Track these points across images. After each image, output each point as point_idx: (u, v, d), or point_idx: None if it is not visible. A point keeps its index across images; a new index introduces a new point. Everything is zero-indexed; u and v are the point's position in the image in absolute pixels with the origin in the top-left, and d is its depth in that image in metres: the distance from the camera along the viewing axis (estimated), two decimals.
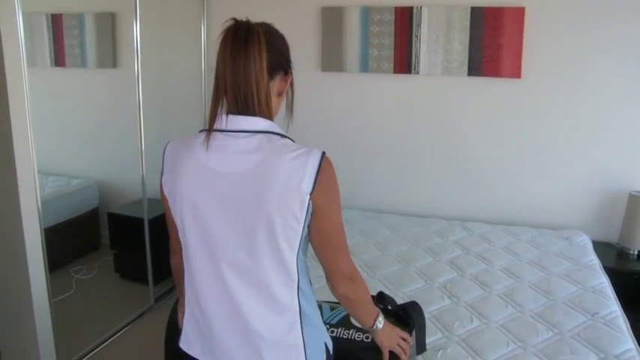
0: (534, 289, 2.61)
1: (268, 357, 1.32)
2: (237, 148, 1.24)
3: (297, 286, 1.31)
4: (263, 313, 1.30)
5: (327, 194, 1.25)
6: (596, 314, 2.38)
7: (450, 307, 2.44)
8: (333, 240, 1.32)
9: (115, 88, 4.11)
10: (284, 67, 1.32)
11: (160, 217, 3.74)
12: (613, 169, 3.39)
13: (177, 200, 1.30)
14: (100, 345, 3.09)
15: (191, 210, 1.29)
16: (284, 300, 1.30)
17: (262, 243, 1.24)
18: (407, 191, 3.77)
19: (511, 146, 3.51)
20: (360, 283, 1.42)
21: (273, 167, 1.21)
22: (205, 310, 1.35)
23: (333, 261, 1.34)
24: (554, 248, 3.10)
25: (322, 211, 1.26)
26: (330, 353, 1.43)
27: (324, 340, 1.42)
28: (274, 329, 1.32)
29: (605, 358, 2.06)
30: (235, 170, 1.23)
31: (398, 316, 1.78)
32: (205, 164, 1.26)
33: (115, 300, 3.67)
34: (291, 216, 1.22)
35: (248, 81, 1.22)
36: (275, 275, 1.28)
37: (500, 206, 3.60)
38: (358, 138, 3.77)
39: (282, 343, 1.33)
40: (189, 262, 1.36)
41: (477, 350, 2.08)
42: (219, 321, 1.34)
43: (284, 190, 1.20)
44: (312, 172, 1.21)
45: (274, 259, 1.26)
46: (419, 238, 3.24)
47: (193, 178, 1.27)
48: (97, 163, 4.31)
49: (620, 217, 3.38)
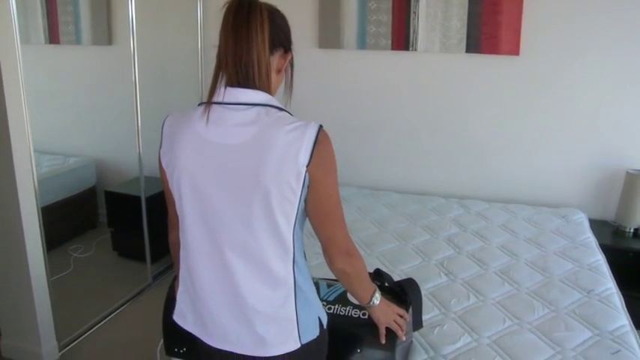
0: (531, 267, 2.62)
1: (262, 330, 1.33)
2: (235, 121, 1.25)
3: (292, 259, 1.32)
4: (258, 286, 1.31)
5: (323, 167, 1.25)
6: (591, 291, 2.39)
7: (447, 284, 2.45)
8: (330, 213, 1.33)
9: (110, 66, 4.08)
10: (284, 44, 1.33)
11: (158, 195, 3.76)
12: (610, 148, 3.38)
13: (175, 172, 1.30)
14: (98, 323, 3.11)
15: (189, 182, 1.29)
16: (279, 273, 1.31)
17: (259, 215, 1.25)
18: (404, 169, 3.77)
19: (509, 124, 3.50)
20: (357, 258, 1.42)
21: (270, 139, 1.21)
22: (198, 285, 1.36)
23: (331, 235, 1.34)
24: (551, 226, 3.11)
25: (319, 184, 1.26)
26: (323, 328, 1.43)
27: (317, 315, 1.41)
28: (268, 303, 1.32)
29: (599, 334, 2.08)
30: (233, 142, 1.23)
31: (395, 293, 1.79)
32: (204, 136, 1.26)
33: (112, 278, 3.69)
34: (288, 188, 1.22)
35: (249, 52, 1.22)
36: (271, 248, 1.28)
37: (497, 184, 3.61)
38: (355, 115, 3.75)
39: (275, 317, 1.33)
40: (184, 235, 1.36)
41: (474, 327, 2.10)
42: (212, 294, 1.35)
43: (281, 163, 1.20)
44: (309, 144, 1.22)
45: (270, 232, 1.27)
46: (416, 216, 3.25)
47: (191, 150, 1.28)
48: (93, 142, 4.30)
49: (616, 196, 3.39)
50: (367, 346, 1.66)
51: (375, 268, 1.88)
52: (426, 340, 1.99)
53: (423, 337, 2.01)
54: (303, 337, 1.36)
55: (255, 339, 1.34)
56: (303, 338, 1.36)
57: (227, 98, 1.26)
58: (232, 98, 1.26)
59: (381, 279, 1.83)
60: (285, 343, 1.34)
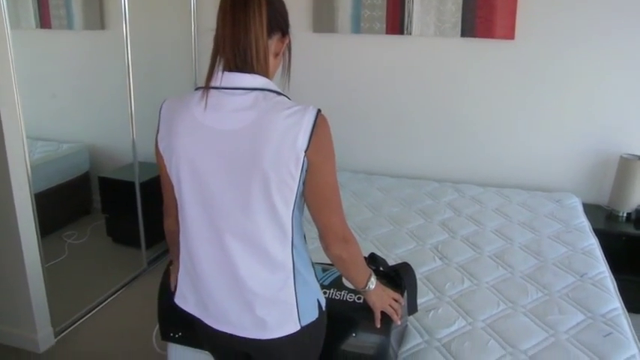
0: (525, 251, 2.63)
1: (262, 313, 1.34)
2: (234, 106, 1.24)
3: (290, 243, 1.32)
4: (257, 269, 1.32)
5: (322, 152, 1.25)
6: (584, 275, 2.41)
7: (442, 268, 2.46)
8: (328, 199, 1.33)
9: (102, 51, 4.05)
10: (282, 28, 1.32)
11: (152, 181, 3.77)
12: (605, 133, 3.39)
13: (174, 158, 1.30)
14: (93, 309, 3.11)
15: (187, 167, 1.28)
16: (277, 257, 1.32)
17: (257, 200, 1.25)
18: (399, 153, 3.77)
19: (503, 108, 3.50)
20: (353, 244, 1.42)
21: (268, 124, 1.21)
22: (199, 268, 1.36)
23: (327, 221, 1.34)
24: (545, 210, 3.12)
25: (317, 169, 1.26)
26: (322, 310, 1.45)
27: (317, 297, 1.43)
28: (268, 286, 1.33)
29: (592, 317, 2.09)
30: (231, 127, 1.23)
31: (389, 278, 1.80)
32: (202, 122, 1.26)
33: (107, 264, 3.69)
34: (287, 173, 1.22)
35: (247, 36, 1.22)
36: (269, 232, 1.29)
37: (492, 168, 3.61)
38: (350, 99, 3.74)
39: (275, 300, 1.34)
40: (184, 220, 1.36)
41: (468, 310, 2.11)
42: (212, 277, 1.36)
43: (279, 147, 1.20)
44: (308, 129, 1.21)
45: (269, 216, 1.27)
46: (411, 200, 3.25)
47: (190, 135, 1.27)
48: (86, 127, 4.29)
49: (610, 180, 3.40)
50: (362, 330, 1.67)
51: (370, 253, 1.89)
52: (420, 324, 2.00)
53: (417, 320, 2.02)
54: (302, 319, 1.37)
55: (255, 321, 1.35)
56: (303, 320, 1.37)
57: (225, 83, 1.25)
58: (230, 83, 1.25)
59: (375, 263, 1.84)
60: (285, 325, 1.36)
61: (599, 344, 1.92)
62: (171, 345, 2.01)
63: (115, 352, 2.77)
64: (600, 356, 1.86)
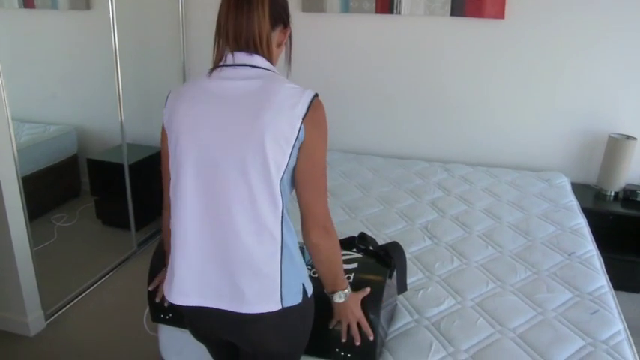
0: (514, 230, 2.65)
1: (242, 283, 1.34)
2: (239, 76, 1.33)
3: (281, 214, 1.33)
4: (246, 236, 1.32)
5: (317, 128, 1.31)
6: (572, 254, 2.43)
7: (431, 247, 2.48)
8: (315, 178, 1.35)
9: (88, 31, 4.00)
10: (283, 20, 1.40)
11: (141, 163, 3.75)
12: (593, 112, 3.40)
13: (174, 125, 1.35)
14: (84, 291, 3.11)
15: (188, 131, 1.33)
16: (268, 224, 1.32)
17: (253, 162, 1.28)
18: (388, 133, 3.76)
19: (493, 88, 3.50)
20: (333, 238, 1.42)
21: (270, 90, 1.29)
22: (185, 241, 1.37)
23: (311, 202, 1.36)
24: (534, 190, 3.14)
25: (310, 144, 1.31)
26: (307, 297, 1.44)
27: (302, 282, 1.42)
28: (254, 256, 1.33)
29: (579, 294, 2.12)
30: (236, 93, 1.31)
31: (379, 257, 1.81)
32: (208, 89, 1.34)
33: (97, 246, 3.68)
34: (282, 137, 1.27)
35: (250, 28, 1.31)
36: (262, 196, 1.30)
37: (481, 148, 3.62)
38: (339, 79, 3.72)
39: (258, 272, 1.33)
40: (177, 189, 1.37)
41: (458, 289, 2.13)
42: (197, 246, 1.36)
43: (278, 110, 1.27)
44: (306, 102, 1.30)
45: (263, 180, 1.29)
46: (400, 180, 3.26)
47: (195, 100, 1.35)
48: (74, 110, 4.24)
49: (598, 160, 3.42)
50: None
51: (360, 232, 1.90)
52: (410, 303, 2.02)
53: (407, 300, 2.03)
54: (285, 300, 1.36)
55: (234, 291, 1.35)
56: (285, 301, 1.36)
57: (236, 60, 1.34)
58: (237, 60, 1.34)
59: (365, 243, 1.85)
60: (266, 302, 1.35)
61: (586, 321, 1.94)
62: (161, 326, 2.01)
63: (105, 334, 2.77)
64: (587, 333, 1.88)
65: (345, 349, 1.66)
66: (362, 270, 1.74)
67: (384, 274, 1.74)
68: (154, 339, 2.09)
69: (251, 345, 1.45)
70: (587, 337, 1.86)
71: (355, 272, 1.72)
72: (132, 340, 2.70)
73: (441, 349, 1.79)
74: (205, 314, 1.41)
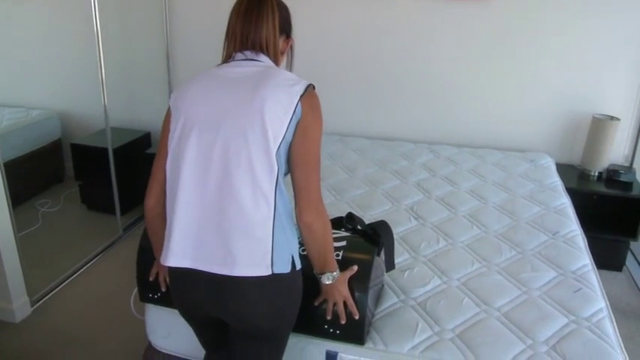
0: (499, 210, 2.67)
1: (234, 246, 1.37)
2: (245, 65, 1.47)
3: (276, 180, 1.39)
4: (243, 197, 1.36)
5: (313, 111, 1.43)
6: (556, 233, 2.45)
7: (417, 228, 2.49)
8: (309, 160, 1.43)
9: (69, 13, 3.93)
10: (287, 31, 1.59)
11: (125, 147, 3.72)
12: (577, 93, 3.41)
13: (180, 100, 1.46)
14: (69, 277, 3.09)
15: (194, 102, 1.43)
16: (264, 187, 1.37)
17: (253, 128, 1.36)
18: (374, 114, 3.76)
19: (478, 69, 3.50)
20: (325, 220, 1.47)
21: (272, 72, 1.44)
22: (182, 208, 1.41)
23: (304, 182, 1.42)
24: (519, 170, 3.16)
25: (306, 125, 1.41)
26: (296, 269, 1.47)
27: (292, 253, 1.46)
28: (249, 218, 1.37)
29: (563, 273, 2.14)
30: (240, 75, 1.44)
31: (367, 235, 1.83)
32: (214, 74, 1.48)
33: (82, 231, 3.65)
34: (280, 108, 1.37)
35: (258, 32, 1.47)
36: (259, 161, 1.37)
37: (466, 129, 3.63)
38: (323, 61, 3.70)
39: (252, 235, 1.37)
40: (178, 158, 1.42)
41: (443, 270, 2.14)
42: (196, 210, 1.40)
43: (278, 86, 1.39)
44: (304, 85, 1.43)
45: (261, 145, 1.36)
46: (386, 161, 3.26)
47: (202, 82, 1.46)
48: (56, 94, 4.19)
49: (582, 140, 3.44)
50: None
51: (348, 212, 1.92)
52: (396, 284, 2.03)
53: (393, 280, 2.05)
54: (275, 266, 1.39)
55: (226, 254, 1.38)
56: (276, 268, 1.39)
57: (246, 56, 1.49)
58: (247, 57, 1.49)
59: (353, 222, 1.87)
60: (257, 266, 1.38)
61: (570, 299, 1.97)
62: (148, 310, 2.01)
63: (92, 319, 2.77)
64: (570, 311, 1.91)
65: (333, 325, 1.69)
66: (350, 248, 1.75)
67: (372, 253, 1.75)
68: (141, 324, 2.09)
69: (237, 318, 1.47)
70: (570, 315, 1.89)
71: (344, 250, 1.73)
72: (119, 325, 2.69)
73: (427, 329, 1.80)
74: (196, 278, 1.43)
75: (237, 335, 1.54)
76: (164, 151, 1.49)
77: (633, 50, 3.25)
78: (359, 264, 1.68)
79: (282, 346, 1.59)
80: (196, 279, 1.43)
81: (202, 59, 3.75)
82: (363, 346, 1.73)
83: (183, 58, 3.92)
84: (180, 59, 3.93)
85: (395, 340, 1.75)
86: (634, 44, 3.24)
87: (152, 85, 4.00)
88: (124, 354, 2.51)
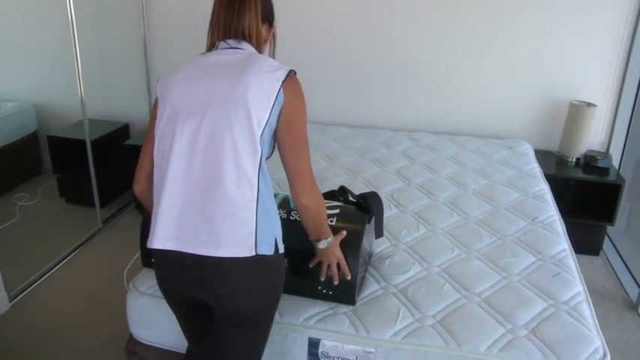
0: (478, 197, 2.69)
1: (219, 228, 1.39)
2: (229, 54, 1.50)
3: (259, 163, 1.42)
4: (227, 179, 1.39)
5: (295, 96, 1.46)
6: (535, 219, 2.48)
7: (397, 215, 2.50)
8: (297, 143, 1.48)
9: (43, 2, 3.87)
10: (270, 20, 1.62)
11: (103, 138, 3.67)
12: (555, 80, 3.44)
13: (166, 89, 1.48)
14: (49, 271, 3.06)
15: (180, 90, 1.46)
16: (247, 170, 1.40)
17: (236, 113, 1.38)
18: (354, 103, 3.76)
19: (457, 57, 3.51)
20: (320, 196, 1.56)
21: (255, 59, 1.47)
22: (168, 193, 1.43)
23: (298, 166, 1.49)
24: (498, 157, 3.18)
25: (290, 111, 1.44)
26: (279, 252, 1.50)
27: (275, 236, 1.48)
28: (233, 200, 1.39)
29: (542, 258, 2.17)
30: (224, 62, 1.47)
31: (359, 205, 1.96)
32: (198, 62, 1.50)
33: (61, 225, 3.61)
34: (264, 94, 1.40)
35: (241, 21, 1.51)
36: (243, 144, 1.39)
37: (446, 116, 3.64)
38: (301, 49, 3.68)
39: (236, 217, 1.40)
40: (165, 148, 1.45)
41: (424, 256, 2.16)
42: (182, 193, 1.42)
43: (260, 72, 1.43)
44: (285, 71, 1.46)
45: (245, 129, 1.39)
46: (366, 149, 3.27)
47: (187, 70, 1.49)
48: (31, 85, 4.12)
49: (560, 127, 3.47)
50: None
51: (340, 186, 2.04)
52: (377, 272, 2.04)
53: (374, 268, 2.06)
54: (259, 247, 1.42)
55: (210, 236, 1.40)
56: (259, 249, 1.42)
57: (227, 45, 1.52)
58: (230, 45, 1.52)
59: (345, 195, 1.99)
60: (241, 247, 1.40)
61: (549, 284, 1.99)
62: (130, 302, 1.99)
63: (73, 313, 2.74)
64: (549, 295, 1.93)
65: (327, 286, 1.83)
66: (343, 216, 1.89)
67: (362, 221, 1.89)
68: (122, 316, 2.07)
69: (221, 300, 1.47)
70: (549, 299, 1.91)
71: (337, 217, 1.87)
72: (100, 318, 2.67)
73: (409, 316, 1.82)
74: (180, 260, 1.44)
75: (220, 321, 1.54)
76: (151, 138, 1.51)
77: (610, 37, 3.28)
78: (350, 232, 1.81)
79: (265, 333, 1.60)
80: (180, 260, 1.45)
81: (180, 49, 3.73)
82: (354, 305, 1.85)
83: (161, 48, 3.88)
84: (158, 49, 3.88)
85: (377, 327, 1.76)
86: (610, 31, 3.27)
87: (130, 75, 3.95)
88: (106, 347, 2.49)
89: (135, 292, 1.98)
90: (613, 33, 3.28)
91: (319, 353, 1.77)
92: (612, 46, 3.30)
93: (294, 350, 1.80)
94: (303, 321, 1.80)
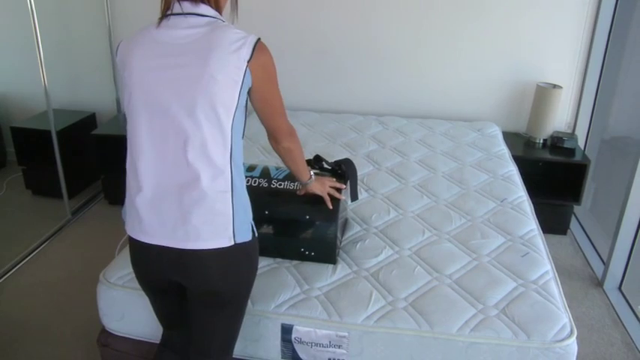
0: (448, 179, 2.71)
1: (197, 222, 1.39)
2: (187, 25, 1.39)
3: (230, 154, 1.40)
4: (200, 173, 1.37)
5: (264, 69, 1.42)
6: (504, 200, 2.51)
7: (368, 200, 2.51)
8: (273, 107, 1.52)
9: None
10: None
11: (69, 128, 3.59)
12: (522, 62, 3.48)
13: (126, 72, 1.41)
14: (17, 265, 3.00)
15: (138, 78, 1.39)
16: (217, 161, 1.38)
17: (202, 104, 1.34)
18: (322, 88, 3.75)
19: (424, 39, 3.52)
20: (297, 139, 1.66)
21: (217, 36, 1.37)
22: (143, 183, 1.41)
23: (275, 123, 1.55)
24: (467, 139, 3.21)
25: (261, 88, 1.43)
26: (255, 236, 1.51)
27: (250, 222, 1.50)
28: (208, 193, 1.38)
29: (511, 239, 2.21)
30: (184, 41, 1.37)
31: (334, 172, 2.07)
32: (156, 38, 1.40)
33: (28, 218, 3.55)
34: (230, 80, 1.35)
35: None
36: (212, 137, 1.37)
37: (414, 100, 3.66)
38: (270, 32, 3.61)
39: (213, 209, 1.39)
40: (131, 134, 1.43)
41: (395, 240, 2.17)
42: (153, 187, 1.41)
43: (225, 53, 1.34)
44: (250, 45, 1.38)
45: (212, 120, 1.36)
46: (335, 134, 3.27)
47: (145, 51, 1.40)
48: None
49: (528, 109, 3.52)
50: (314, 213, 1.96)
51: (315, 154, 2.09)
52: (349, 256, 2.05)
53: (345, 252, 2.07)
54: (237, 236, 1.42)
55: (189, 231, 1.39)
56: (238, 238, 1.42)
57: (183, 9, 1.40)
58: (187, 9, 1.40)
59: (320, 162, 2.10)
60: (220, 238, 1.41)
61: (518, 264, 2.03)
62: (100, 294, 1.97)
63: (43, 306, 2.70)
64: (519, 274, 1.97)
65: (309, 248, 1.99)
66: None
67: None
68: (93, 309, 2.05)
69: (198, 285, 1.47)
70: (518, 279, 1.95)
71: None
72: (71, 311, 2.64)
73: (381, 299, 1.83)
74: (158, 253, 1.44)
75: (195, 304, 1.53)
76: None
77: (575, 18, 3.33)
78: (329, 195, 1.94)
79: (240, 315, 1.60)
80: (158, 254, 1.44)
81: None
82: (334, 264, 1.99)
83: (126, 35, 3.80)
84: (124, 36, 3.80)
85: (349, 311, 1.78)
86: (575, 14, 3.31)
87: (94, 63, 3.87)
88: (78, 339, 2.46)
89: (106, 283, 1.95)
90: (577, 15, 3.32)
91: (293, 339, 1.78)
92: (577, 28, 3.35)
93: (268, 336, 1.80)
94: (275, 307, 1.81)
